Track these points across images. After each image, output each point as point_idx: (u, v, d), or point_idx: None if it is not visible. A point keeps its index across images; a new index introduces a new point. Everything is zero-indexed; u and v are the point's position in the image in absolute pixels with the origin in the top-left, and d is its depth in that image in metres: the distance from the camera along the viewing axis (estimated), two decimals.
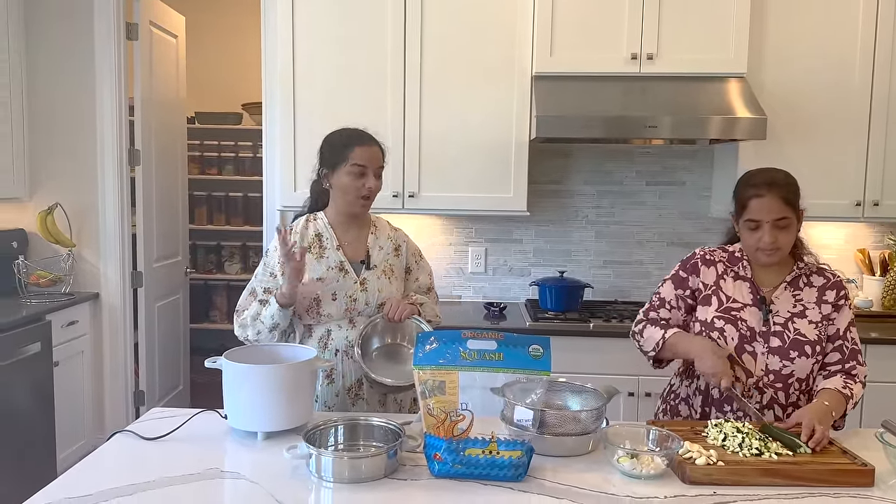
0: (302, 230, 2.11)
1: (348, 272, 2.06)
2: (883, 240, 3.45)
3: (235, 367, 1.70)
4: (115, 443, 1.69)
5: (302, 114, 3.20)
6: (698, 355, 1.84)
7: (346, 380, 2.05)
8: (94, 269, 3.69)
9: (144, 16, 3.76)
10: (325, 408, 2.05)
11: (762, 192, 1.83)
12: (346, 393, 2.06)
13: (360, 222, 2.15)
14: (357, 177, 2.03)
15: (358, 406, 2.06)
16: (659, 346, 1.94)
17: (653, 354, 1.97)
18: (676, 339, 1.92)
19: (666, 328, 1.96)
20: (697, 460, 1.53)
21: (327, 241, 2.09)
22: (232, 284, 5.40)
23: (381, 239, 2.15)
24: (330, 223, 2.12)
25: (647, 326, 2.00)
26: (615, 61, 3.05)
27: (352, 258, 2.09)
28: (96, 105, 3.59)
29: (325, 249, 2.08)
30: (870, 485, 1.51)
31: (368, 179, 2.04)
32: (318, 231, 2.10)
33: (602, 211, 3.54)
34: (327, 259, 2.07)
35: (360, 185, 2.03)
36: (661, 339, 1.94)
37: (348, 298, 2.04)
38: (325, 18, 3.15)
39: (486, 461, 1.47)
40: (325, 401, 2.06)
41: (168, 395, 4.18)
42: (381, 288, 2.08)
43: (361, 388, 2.06)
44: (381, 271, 2.10)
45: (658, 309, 2.02)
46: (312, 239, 2.09)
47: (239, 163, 5.36)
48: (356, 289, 2.05)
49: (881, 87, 3.10)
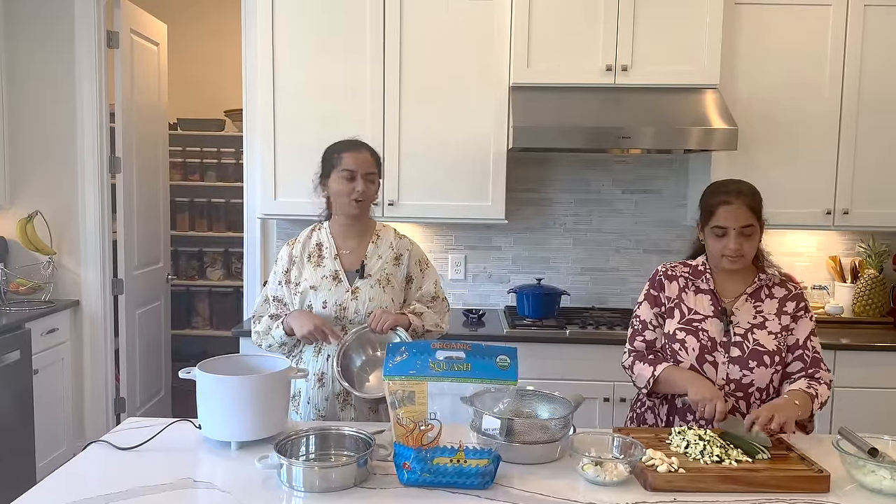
0: (305, 240, 2.22)
1: (341, 281, 2.13)
2: (854, 247, 3.52)
3: (209, 377, 1.72)
4: (91, 453, 1.71)
5: (282, 122, 3.22)
6: (691, 384, 1.86)
7: (335, 385, 2.11)
8: (75, 277, 3.69)
9: (125, 24, 3.77)
10: (316, 411, 2.12)
11: (730, 200, 1.90)
12: (336, 398, 2.12)
13: (361, 230, 2.21)
14: (347, 181, 2.11)
15: (346, 412, 2.12)
16: (650, 384, 1.97)
17: (646, 391, 1.99)
18: (667, 376, 1.94)
19: (655, 364, 1.97)
20: (659, 467, 1.58)
21: (326, 249, 2.18)
22: (214, 291, 5.40)
23: (381, 248, 2.21)
24: (332, 232, 2.21)
25: (635, 362, 2.02)
26: (591, 73, 3.10)
27: (348, 267, 2.16)
28: (77, 113, 3.60)
29: (323, 258, 2.17)
30: (825, 491, 1.55)
31: (358, 183, 2.11)
32: (320, 241, 2.20)
33: (580, 219, 3.59)
34: (323, 268, 2.15)
35: (350, 189, 2.11)
36: (650, 378, 1.96)
37: (338, 307, 2.11)
38: (304, 28, 3.18)
39: (453, 470, 1.51)
40: (315, 404, 2.12)
41: (149, 402, 4.19)
42: (374, 297, 2.12)
43: (350, 394, 2.10)
44: (376, 280, 2.15)
45: (642, 332, 2.05)
46: (313, 248, 2.19)
47: (221, 169, 5.36)
48: (347, 297, 2.12)
49: (850, 99, 3.17)
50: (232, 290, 5.37)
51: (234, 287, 5.33)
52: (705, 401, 1.78)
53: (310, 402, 2.13)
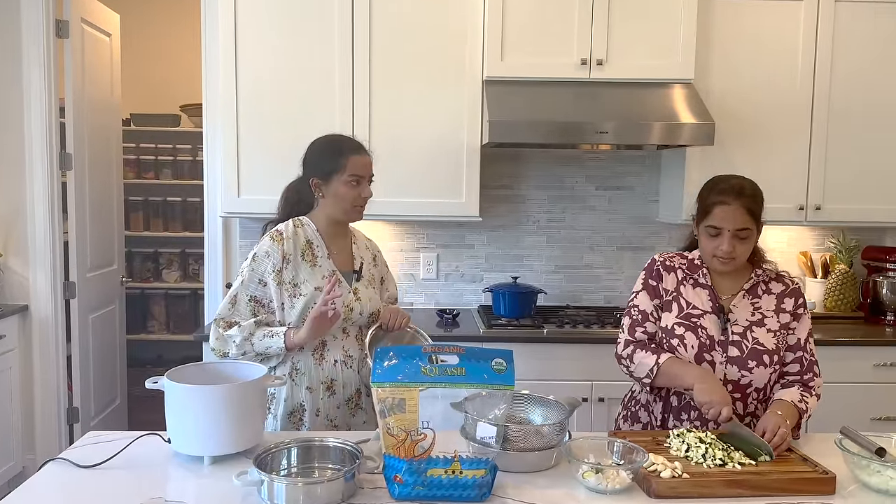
0: (293, 235, 2.03)
1: (341, 282, 2.04)
2: (824, 243, 3.54)
3: (179, 387, 1.59)
4: (48, 472, 1.57)
5: (245, 118, 3.07)
6: (699, 381, 1.76)
7: (346, 390, 2.03)
8: (23, 280, 3.48)
9: (76, 13, 3.57)
10: (327, 421, 2.02)
11: (728, 201, 1.83)
12: (346, 403, 2.04)
13: (343, 231, 2.14)
14: (353, 186, 2.02)
15: (357, 416, 2.06)
16: (653, 374, 1.85)
17: (647, 382, 1.88)
18: (670, 368, 1.83)
19: (658, 353, 1.87)
20: (662, 473, 1.51)
21: (318, 249, 2.05)
22: (171, 293, 5.20)
23: (360, 248, 2.16)
24: (318, 231, 2.07)
25: (636, 351, 1.90)
26: (565, 67, 3.03)
27: (341, 268, 2.07)
28: (24, 106, 3.39)
29: (317, 258, 2.04)
30: (831, 493, 1.51)
31: (364, 189, 2.05)
32: (309, 238, 2.05)
33: (553, 216, 3.53)
34: (321, 268, 2.03)
35: (356, 195, 2.03)
36: (654, 366, 1.85)
37: (346, 309, 2.01)
38: (269, 19, 3.04)
39: (448, 482, 1.42)
40: (326, 414, 2.02)
41: (104, 411, 3.98)
42: (371, 297, 2.09)
43: (361, 397, 2.06)
44: (368, 281, 2.11)
45: (643, 323, 1.94)
46: (304, 246, 2.04)
47: (177, 166, 5.17)
48: (351, 298, 2.04)
49: (822, 94, 3.17)
50: (189, 293, 5.19)
51: (192, 289, 5.15)
52: (712, 404, 1.71)
53: (319, 413, 2.00)
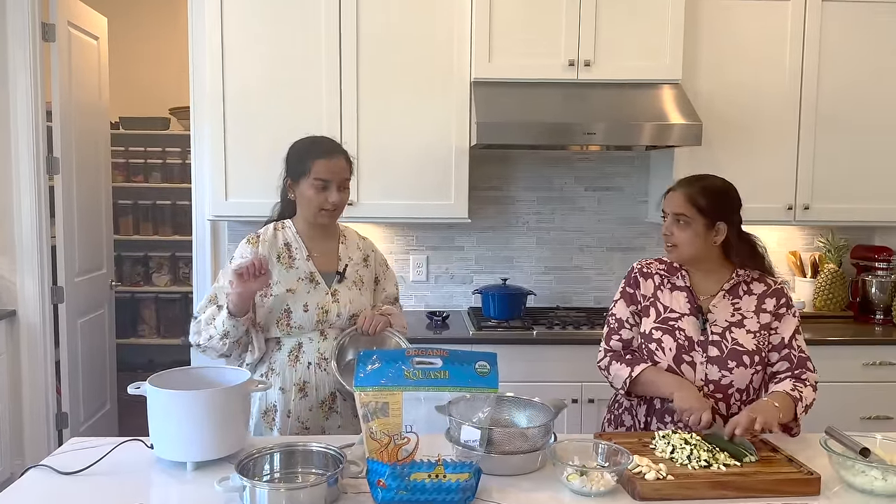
0: (271, 238, 2.04)
1: (319, 283, 2.02)
2: (813, 242, 3.55)
3: (161, 393, 1.58)
4: (30, 479, 1.55)
5: (233, 121, 3.07)
6: (677, 390, 1.79)
7: (319, 393, 2.00)
8: (10, 285, 3.45)
9: (62, 16, 3.55)
10: (298, 423, 1.99)
11: (673, 187, 1.95)
12: (320, 406, 2.00)
13: (328, 232, 2.10)
14: (319, 191, 1.97)
15: (332, 420, 2.01)
16: (626, 386, 1.90)
17: (623, 393, 1.93)
18: (648, 377, 1.87)
19: (632, 364, 1.91)
20: (647, 475, 1.50)
21: (297, 251, 2.03)
22: (161, 297, 5.17)
23: (350, 249, 2.12)
24: (298, 232, 2.06)
25: (612, 362, 1.95)
26: (553, 68, 3.03)
27: (322, 269, 2.04)
28: (10, 110, 3.37)
29: (294, 260, 2.02)
30: (816, 493, 1.51)
31: (331, 194, 1.98)
32: (287, 240, 2.04)
33: (542, 217, 3.52)
34: (297, 269, 2.01)
35: (322, 200, 1.98)
36: (627, 378, 1.90)
37: (320, 310, 1.99)
38: (255, 22, 3.03)
39: (432, 486, 1.40)
40: (298, 415, 1.99)
41: (94, 416, 3.96)
42: (353, 299, 2.04)
43: (335, 401, 2.01)
44: (352, 282, 2.07)
45: (619, 331, 1.99)
46: (282, 248, 2.03)
47: (166, 170, 5.15)
48: (328, 300, 2.00)
49: (809, 94, 3.18)
50: (180, 296, 5.16)
51: (182, 293, 5.12)
52: (692, 410, 1.72)
53: (290, 414, 1.98)
